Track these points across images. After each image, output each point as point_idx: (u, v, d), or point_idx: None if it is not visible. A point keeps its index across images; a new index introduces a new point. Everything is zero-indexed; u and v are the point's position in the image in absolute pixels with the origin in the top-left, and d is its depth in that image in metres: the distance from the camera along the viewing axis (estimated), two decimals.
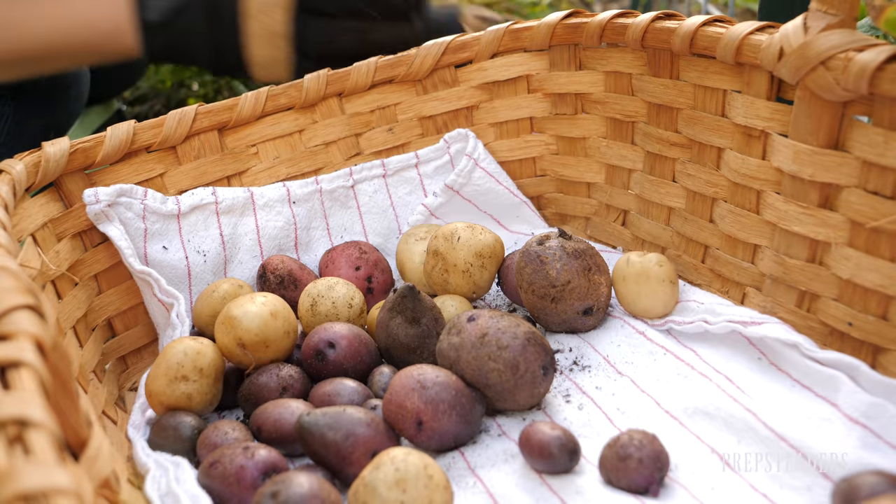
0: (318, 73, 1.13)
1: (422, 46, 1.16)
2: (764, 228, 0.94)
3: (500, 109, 1.20)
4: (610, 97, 1.12)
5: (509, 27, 1.16)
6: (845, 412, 0.78)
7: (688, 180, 1.04)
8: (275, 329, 0.91)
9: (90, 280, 1.01)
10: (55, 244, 0.97)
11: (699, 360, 0.90)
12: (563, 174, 1.20)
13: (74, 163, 1.00)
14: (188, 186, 1.09)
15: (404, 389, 0.82)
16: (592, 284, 0.96)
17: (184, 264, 1.06)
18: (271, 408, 0.86)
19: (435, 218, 1.16)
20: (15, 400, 0.50)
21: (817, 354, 0.84)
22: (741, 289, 0.98)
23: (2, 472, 0.46)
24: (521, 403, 0.85)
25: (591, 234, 1.19)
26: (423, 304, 0.93)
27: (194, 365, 0.88)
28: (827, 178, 0.85)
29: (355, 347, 0.92)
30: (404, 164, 1.18)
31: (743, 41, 0.92)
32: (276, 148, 1.13)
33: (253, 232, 1.10)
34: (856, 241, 0.84)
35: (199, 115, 1.08)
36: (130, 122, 1.04)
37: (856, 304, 0.84)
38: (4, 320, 0.57)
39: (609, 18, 1.08)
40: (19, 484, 0.45)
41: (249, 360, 0.91)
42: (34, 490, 0.44)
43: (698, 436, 0.80)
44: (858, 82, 0.79)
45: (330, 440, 0.79)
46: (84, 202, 1.00)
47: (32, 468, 0.45)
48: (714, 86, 0.98)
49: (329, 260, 1.10)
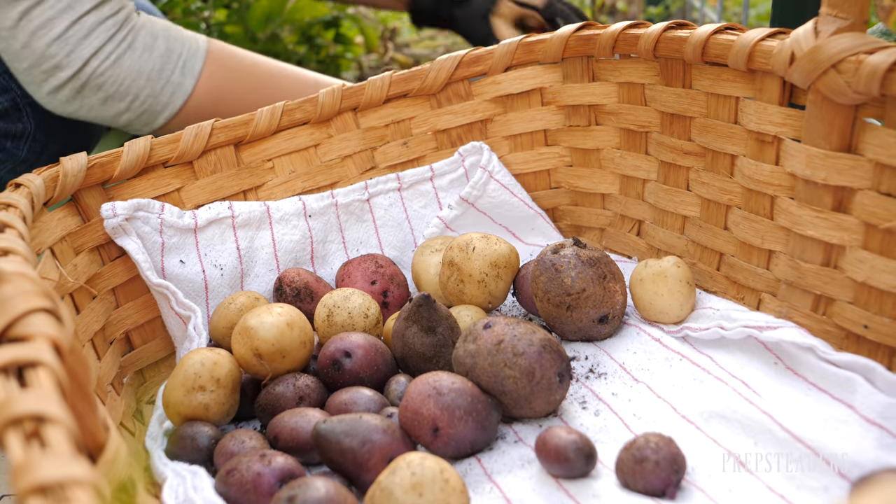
0: (332, 87, 1.14)
1: (435, 60, 1.17)
2: (778, 234, 0.94)
3: (514, 122, 1.21)
4: (623, 108, 1.13)
5: (522, 41, 1.17)
6: (862, 413, 0.78)
7: (702, 188, 1.04)
8: (291, 339, 0.91)
9: (108, 294, 1.02)
10: (73, 258, 0.98)
11: (715, 366, 0.90)
12: (578, 186, 1.20)
13: (92, 177, 1.01)
14: (205, 201, 1.10)
15: (420, 396, 0.82)
16: (608, 292, 0.96)
17: (201, 278, 1.06)
18: (288, 416, 0.86)
19: (450, 230, 1.17)
20: (31, 396, 0.51)
21: (833, 357, 0.83)
22: (757, 295, 0.98)
23: (18, 465, 0.46)
24: (538, 410, 0.85)
25: (606, 244, 1.19)
26: (439, 313, 0.93)
27: (211, 375, 0.89)
28: (840, 181, 0.85)
29: (371, 357, 0.93)
30: (419, 177, 1.19)
31: (754, 48, 0.92)
32: (292, 162, 1.14)
33: (269, 245, 1.10)
34: (870, 243, 0.84)
35: (216, 130, 1.09)
36: (148, 138, 1.05)
37: (871, 307, 0.84)
38: (22, 322, 0.58)
39: (621, 30, 1.09)
40: (36, 476, 0.45)
41: (266, 370, 0.92)
42: (50, 482, 0.45)
43: (715, 439, 0.80)
44: (870, 84, 0.79)
45: (347, 447, 0.79)
46: (102, 216, 1.01)
47: (48, 461, 0.46)
48: (726, 93, 0.98)
49: (345, 273, 1.10)
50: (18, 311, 0.58)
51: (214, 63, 1.33)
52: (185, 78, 1.30)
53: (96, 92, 1.25)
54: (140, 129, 1.33)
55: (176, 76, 1.29)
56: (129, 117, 1.29)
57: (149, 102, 1.28)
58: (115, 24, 1.24)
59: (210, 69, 1.32)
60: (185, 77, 1.30)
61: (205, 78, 1.32)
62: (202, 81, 1.32)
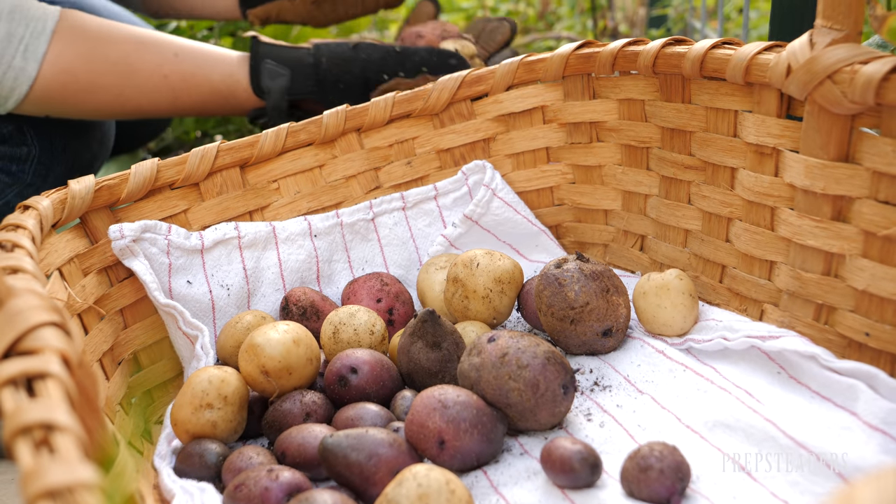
0: (336, 109, 1.15)
1: (438, 81, 1.19)
2: (779, 244, 0.95)
3: (517, 140, 1.22)
4: (624, 124, 1.14)
5: (523, 60, 1.18)
6: (865, 419, 0.78)
7: (703, 202, 1.05)
8: (297, 356, 0.92)
9: (116, 314, 1.03)
10: (81, 279, 0.99)
11: (718, 376, 0.90)
12: (581, 202, 1.21)
13: (100, 200, 1.02)
14: (211, 222, 1.11)
15: (426, 409, 0.83)
16: (611, 305, 0.96)
17: (208, 298, 1.07)
18: (295, 432, 0.87)
19: (454, 248, 1.18)
20: (40, 406, 0.52)
21: (835, 364, 0.84)
22: (759, 306, 0.99)
23: (28, 472, 0.47)
24: (543, 422, 0.86)
25: (609, 260, 1.20)
26: (444, 328, 0.94)
27: (219, 393, 0.90)
28: (839, 190, 0.86)
29: (377, 372, 0.93)
30: (423, 196, 1.20)
31: (751, 61, 0.93)
32: (297, 183, 1.15)
33: (275, 265, 1.11)
34: (870, 251, 0.84)
35: (222, 152, 1.10)
36: (154, 160, 1.06)
37: (872, 315, 0.85)
38: (31, 336, 0.59)
39: (620, 47, 1.10)
40: (45, 481, 0.46)
41: (273, 387, 0.92)
42: (59, 486, 0.45)
43: (719, 447, 0.81)
44: (865, 94, 0.80)
45: (353, 461, 0.80)
46: (109, 238, 1.02)
47: (57, 466, 0.47)
48: (725, 107, 1.00)
49: (351, 292, 1.11)
50: (28, 324, 0.59)
51: (62, 43, 1.29)
52: (28, 63, 1.27)
53: None
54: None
55: (17, 61, 1.26)
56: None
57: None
58: None
59: (56, 51, 1.29)
60: (27, 62, 1.26)
61: (49, 62, 1.28)
62: (47, 65, 1.28)
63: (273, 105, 1.42)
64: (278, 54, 1.44)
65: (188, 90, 1.40)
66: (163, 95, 1.38)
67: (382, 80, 1.41)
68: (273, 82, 1.42)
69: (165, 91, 1.38)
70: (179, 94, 1.39)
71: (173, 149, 2.12)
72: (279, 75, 1.41)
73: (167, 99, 1.39)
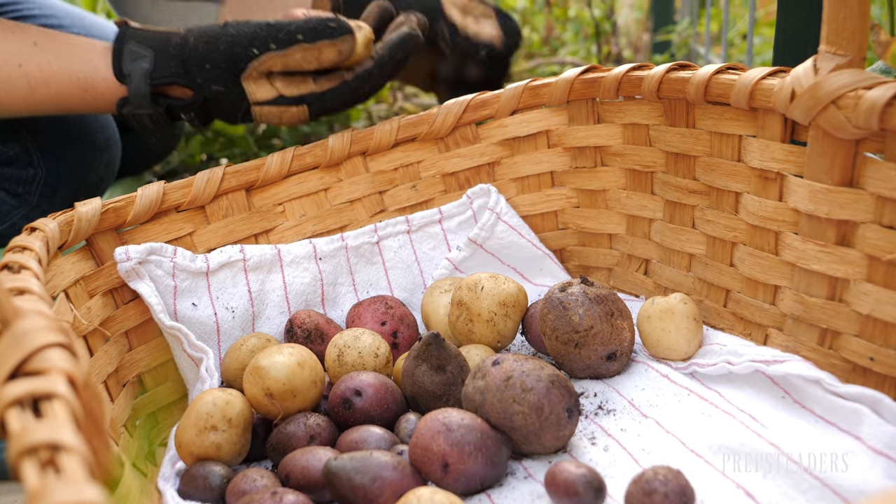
0: (342, 133, 1.16)
1: (443, 105, 1.19)
2: (783, 269, 0.95)
3: (521, 164, 1.22)
4: (628, 149, 1.14)
5: (528, 84, 1.19)
6: (869, 444, 0.78)
7: (707, 226, 1.05)
8: (302, 379, 0.92)
9: (121, 336, 1.03)
10: (87, 300, 0.99)
11: (723, 400, 0.90)
12: (585, 226, 1.22)
13: (106, 222, 1.03)
14: (217, 244, 1.11)
15: (430, 432, 0.83)
16: (615, 329, 0.96)
17: (213, 321, 1.08)
18: (299, 455, 0.87)
19: (459, 272, 1.18)
20: (47, 426, 0.52)
21: (840, 389, 0.84)
22: (763, 330, 0.99)
23: (34, 492, 0.47)
24: (547, 446, 0.86)
25: (614, 284, 1.20)
26: (448, 351, 0.94)
27: (223, 415, 0.90)
28: (843, 215, 0.86)
29: (382, 395, 0.93)
30: (428, 219, 1.20)
31: (756, 86, 0.94)
32: (303, 206, 1.16)
33: (280, 288, 1.12)
34: (874, 276, 0.85)
35: (227, 175, 1.10)
36: (160, 183, 1.07)
37: (877, 339, 0.85)
38: (38, 357, 0.59)
39: (625, 72, 1.11)
40: (50, 501, 0.46)
41: (277, 409, 0.92)
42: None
43: (723, 472, 0.80)
44: (869, 119, 0.80)
45: (357, 484, 0.80)
46: (115, 260, 1.03)
47: (63, 486, 0.47)
48: (729, 132, 1.00)
49: (355, 315, 1.11)
50: (34, 345, 0.59)
51: None
52: None
53: None
54: None
55: None
56: None
57: None
58: None
59: None
60: None
61: None
62: None
63: (135, 91, 1.26)
64: (143, 36, 1.29)
65: (45, 82, 1.28)
66: (18, 87, 1.27)
67: (252, 54, 1.23)
68: (133, 65, 1.27)
69: (20, 83, 1.27)
70: (36, 86, 1.27)
71: (179, 172, 2.13)
72: (140, 56, 1.27)
73: (23, 92, 1.27)
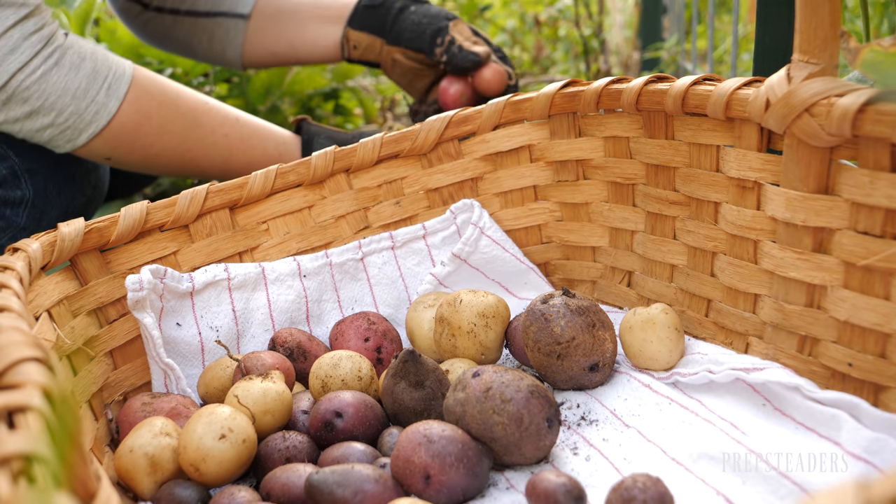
0: (325, 150, 1.17)
1: (425, 122, 1.20)
2: (763, 277, 0.96)
3: (504, 179, 1.23)
4: (609, 161, 1.15)
5: (510, 99, 1.20)
6: (848, 449, 0.78)
7: (688, 237, 1.06)
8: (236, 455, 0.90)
9: (105, 356, 1.03)
10: (71, 320, 0.99)
11: (704, 409, 0.91)
12: (568, 240, 1.22)
13: (89, 242, 1.03)
14: (201, 263, 1.11)
15: (411, 444, 0.83)
16: (597, 340, 0.97)
17: (197, 340, 1.08)
18: (279, 472, 0.87)
19: (444, 287, 1.18)
20: (19, 438, 0.52)
21: (818, 395, 0.84)
22: (744, 339, 0.99)
23: (6, 502, 0.47)
24: (528, 456, 0.86)
25: (598, 296, 1.21)
26: (426, 366, 0.94)
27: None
28: (819, 222, 0.87)
29: (363, 414, 0.93)
30: (412, 235, 1.21)
31: (731, 96, 0.95)
32: (287, 224, 1.16)
33: (265, 306, 1.12)
34: (850, 282, 0.85)
35: (211, 193, 1.11)
36: (144, 202, 1.07)
37: (855, 345, 0.85)
38: (13, 371, 0.59)
39: (604, 85, 1.11)
40: None
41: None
42: None
43: (703, 479, 0.81)
44: (842, 126, 0.81)
45: (339, 497, 0.80)
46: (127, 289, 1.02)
47: (34, 496, 0.47)
48: (707, 142, 1.01)
49: (339, 332, 1.11)
50: (10, 360, 0.60)
51: (139, 88, 1.40)
52: (110, 99, 1.36)
53: (21, 105, 1.31)
54: (62, 146, 1.38)
55: (101, 96, 1.35)
56: (53, 133, 1.35)
57: (72, 120, 1.34)
58: (40, 39, 1.30)
59: (135, 93, 1.39)
60: (109, 98, 1.36)
61: (129, 101, 1.38)
62: (126, 104, 1.38)
63: None
64: (329, 134, 1.57)
65: (243, 151, 1.52)
66: (219, 151, 1.50)
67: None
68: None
69: (223, 148, 1.50)
70: (235, 153, 1.51)
71: (169, 194, 2.14)
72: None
73: (222, 156, 1.50)
